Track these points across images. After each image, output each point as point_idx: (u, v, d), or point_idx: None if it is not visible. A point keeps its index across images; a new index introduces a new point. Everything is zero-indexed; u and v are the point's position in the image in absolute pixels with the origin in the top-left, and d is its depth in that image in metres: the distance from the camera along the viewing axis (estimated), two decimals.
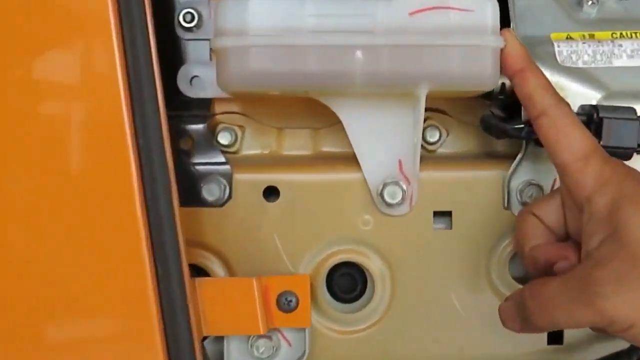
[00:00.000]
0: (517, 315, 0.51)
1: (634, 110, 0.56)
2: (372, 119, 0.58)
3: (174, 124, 0.59)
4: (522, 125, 0.57)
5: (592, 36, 0.61)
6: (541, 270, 0.52)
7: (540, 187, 0.59)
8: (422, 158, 0.59)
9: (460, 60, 0.54)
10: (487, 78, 0.55)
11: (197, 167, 0.60)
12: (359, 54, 0.53)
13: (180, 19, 0.61)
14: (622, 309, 0.45)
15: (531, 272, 0.54)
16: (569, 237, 0.53)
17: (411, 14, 0.54)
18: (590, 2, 0.63)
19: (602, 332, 0.51)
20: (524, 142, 0.59)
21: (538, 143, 0.56)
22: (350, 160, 0.60)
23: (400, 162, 0.59)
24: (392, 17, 0.53)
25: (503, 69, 0.55)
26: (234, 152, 0.63)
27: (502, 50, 0.54)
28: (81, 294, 0.54)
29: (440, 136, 0.63)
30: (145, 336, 0.53)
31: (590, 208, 0.49)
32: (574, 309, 0.47)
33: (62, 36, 0.52)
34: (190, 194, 0.60)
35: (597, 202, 0.49)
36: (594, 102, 0.59)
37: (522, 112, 0.58)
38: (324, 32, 0.53)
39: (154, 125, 0.52)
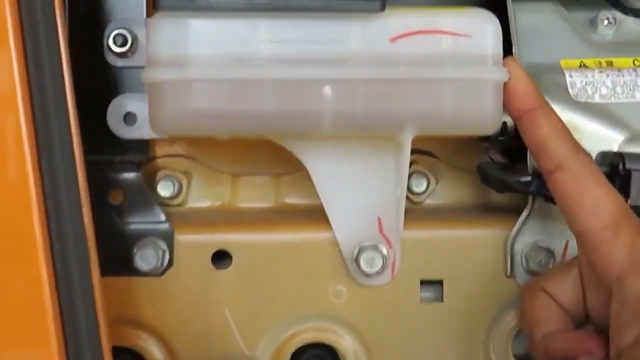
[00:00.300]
0: None
1: None
2: (345, 168, 0.47)
3: (100, 173, 0.48)
4: (529, 178, 0.46)
5: (610, 63, 0.51)
6: None
7: (550, 252, 0.49)
8: (406, 212, 0.48)
9: (454, 97, 0.43)
10: (488, 119, 0.44)
11: (131, 227, 0.49)
12: (327, 90, 0.43)
13: (110, 42, 0.50)
14: None
15: None
16: (589, 319, 0.43)
17: (393, 39, 0.43)
18: (606, 22, 0.53)
19: None
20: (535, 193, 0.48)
21: (549, 199, 0.45)
22: (319, 215, 0.49)
23: (379, 220, 0.48)
24: (370, 43, 0.43)
25: (507, 108, 0.44)
26: (178, 205, 0.52)
27: (505, 84, 0.44)
28: None
29: (428, 185, 0.52)
30: None
31: (623, 292, 0.38)
32: None
33: None
34: (122, 261, 0.48)
35: (631, 286, 0.38)
36: (615, 147, 0.48)
37: (529, 158, 0.48)
38: (283, 62, 0.42)
39: (66, 174, 0.41)
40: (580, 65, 0.51)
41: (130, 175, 0.49)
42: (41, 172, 0.41)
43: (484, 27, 0.43)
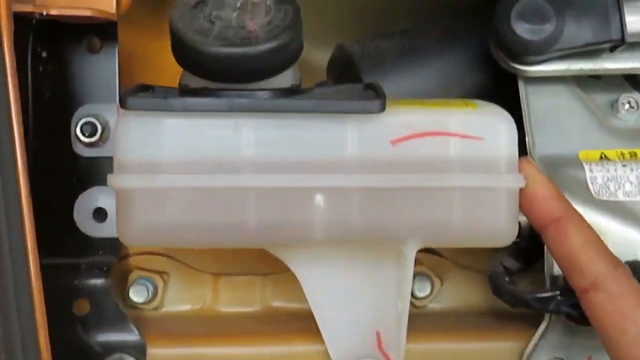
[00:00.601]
0: None
1: None
2: (339, 277, 0.41)
3: (64, 280, 0.43)
4: (549, 294, 0.40)
5: (634, 155, 0.46)
6: None
7: None
8: (413, 317, 0.43)
9: (463, 207, 0.38)
10: (501, 231, 0.39)
11: (98, 341, 0.43)
12: (319, 199, 0.37)
13: (78, 131, 0.45)
14: None
15: None
16: None
17: (394, 142, 0.38)
18: (627, 106, 0.48)
19: None
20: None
21: (572, 318, 0.40)
22: (310, 323, 0.43)
23: (378, 334, 0.42)
24: (368, 147, 0.37)
25: (528, 219, 0.39)
26: (153, 310, 0.46)
27: (522, 190, 0.39)
28: None
29: (432, 288, 0.47)
30: None
31: None
32: None
33: None
34: None
35: None
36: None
37: (546, 266, 0.42)
38: (268, 167, 0.37)
39: (19, 287, 0.36)
40: (601, 158, 0.46)
41: (98, 282, 0.44)
42: None
43: (497, 128, 0.38)
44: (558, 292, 0.40)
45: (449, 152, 0.38)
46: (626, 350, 0.35)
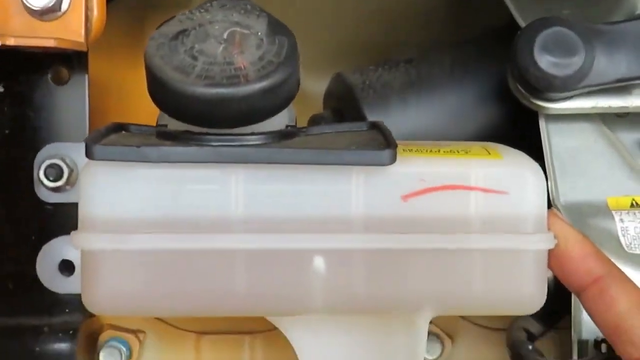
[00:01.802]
0: None
1: None
2: (340, 350, 0.36)
3: (24, 343, 0.37)
4: None
5: None
6: None
7: None
8: None
9: (484, 272, 0.33)
10: (528, 297, 0.33)
11: None
12: (319, 263, 0.32)
13: (42, 174, 0.39)
14: None
15: None
16: None
17: (407, 197, 0.32)
18: None
19: None
20: None
21: None
22: None
23: None
24: (377, 202, 0.32)
25: (565, 281, 0.34)
26: None
27: (552, 251, 0.33)
28: None
29: (442, 349, 0.42)
30: None
31: None
32: None
33: None
34: None
35: None
36: None
37: (573, 329, 0.37)
38: (260, 225, 0.32)
39: None
40: (632, 205, 0.41)
41: (63, 346, 0.38)
42: None
43: (524, 181, 0.33)
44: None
45: (469, 209, 0.32)
46: None
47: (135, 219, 0.31)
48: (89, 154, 0.31)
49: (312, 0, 0.50)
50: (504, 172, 0.33)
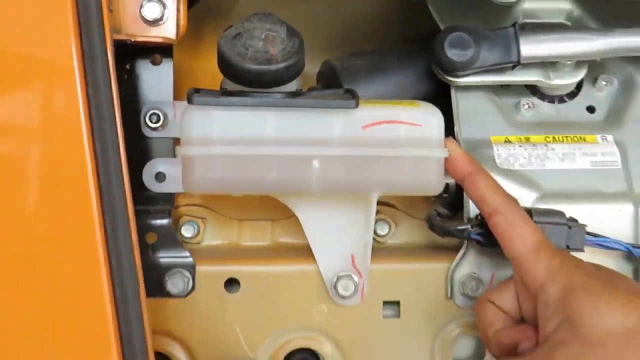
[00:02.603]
0: None
1: (563, 214, 0.60)
2: (327, 218, 0.62)
3: (139, 220, 0.62)
4: (465, 227, 0.61)
5: (527, 139, 0.66)
6: (506, 351, 0.56)
7: (480, 280, 0.64)
8: (373, 250, 0.63)
9: (408, 169, 0.58)
10: (433, 184, 0.59)
11: (162, 260, 0.63)
12: (315, 163, 0.57)
13: (147, 119, 0.64)
14: None
15: (497, 354, 0.57)
16: (523, 319, 0.57)
17: (364, 127, 0.58)
18: (526, 106, 0.68)
19: None
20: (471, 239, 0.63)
21: (479, 242, 0.60)
22: (306, 251, 0.63)
23: (352, 256, 0.63)
24: (347, 130, 0.58)
25: (452, 174, 0.59)
26: (197, 244, 0.66)
27: (447, 159, 0.59)
28: None
29: (389, 229, 0.67)
30: None
31: (545, 296, 0.53)
32: None
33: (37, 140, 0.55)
34: (156, 286, 0.62)
35: (549, 291, 0.53)
36: (529, 203, 0.63)
37: (465, 211, 0.63)
38: (283, 143, 0.57)
39: (123, 224, 0.55)
40: (505, 141, 0.66)
41: (161, 222, 0.64)
42: (104, 220, 0.55)
43: (431, 119, 0.58)
44: (470, 225, 0.60)
45: (399, 134, 0.58)
46: (516, 250, 0.55)
47: (213, 137, 0.57)
48: (189, 101, 0.56)
49: (310, 14, 0.75)
50: (419, 113, 0.58)
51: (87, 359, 0.55)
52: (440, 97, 0.67)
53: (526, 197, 0.64)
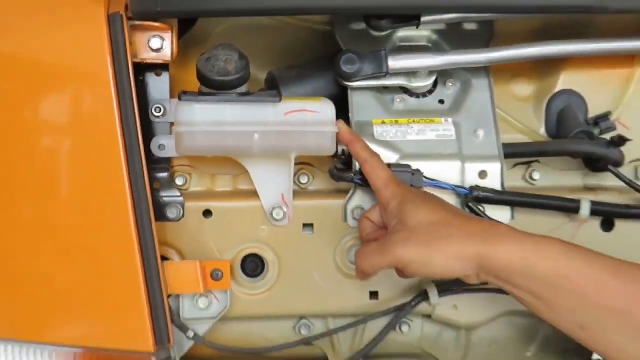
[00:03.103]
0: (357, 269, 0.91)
1: (409, 166, 0.97)
2: (266, 171, 0.99)
3: (150, 174, 0.99)
4: (352, 175, 0.98)
5: (396, 122, 1.04)
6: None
7: (362, 209, 1.01)
8: (297, 193, 1.01)
9: (312, 139, 0.95)
10: (328, 148, 0.96)
11: (164, 199, 1.00)
12: (256, 136, 0.94)
13: (153, 110, 1.01)
14: (405, 253, 0.85)
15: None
16: (384, 226, 0.94)
17: (286, 114, 0.95)
18: (398, 100, 1.06)
19: (401, 274, 0.91)
20: (355, 183, 1.00)
21: (361, 185, 0.98)
22: (254, 194, 1.01)
23: (282, 195, 1.00)
24: (275, 115, 0.95)
25: (341, 142, 0.96)
26: (185, 189, 1.03)
27: (338, 133, 0.96)
28: (95, 274, 0.92)
29: (308, 179, 1.05)
30: (134, 297, 0.92)
31: (390, 208, 0.90)
32: (383, 255, 0.87)
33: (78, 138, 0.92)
34: (160, 214, 0.99)
35: (391, 205, 0.90)
36: (394, 161, 1.00)
37: (353, 166, 1.00)
38: (237, 124, 0.94)
39: (141, 176, 0.92)
40: (382, 123, 1.03)
41: (163, 174, 1.01)
42: (129, 172, 0.92)
43: (325, 108, 0.96)
44: (354, 173, 0.97)
45: (307, 117, 0.95)
46: (376, 184, 0.93)
47: (194, 121, 0.94)
48: (180, 98, 0.94)
49: (260, 42, 1.12)
50: (318, 105, 0.96)
51: (119, 258, 0.92)
52: (342, 95, 1.05)
53: (392, 157, 1.01)
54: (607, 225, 1.05)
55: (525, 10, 0.97)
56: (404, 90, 1.07)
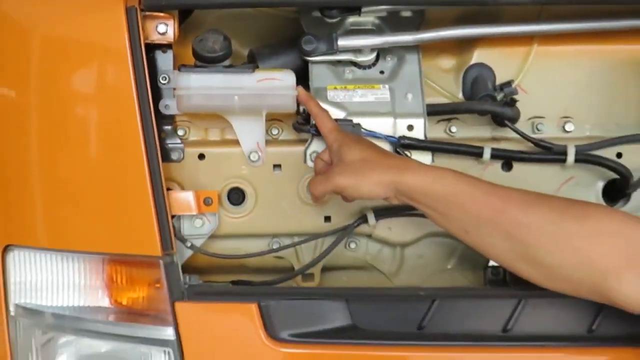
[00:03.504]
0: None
1: (351, 120, 1.29)
2: (245, 124, 1.31)
3: (158, 127, 1.31)
4: (309, 127, 1.30)
5: (345, 87, 1.35)
6: None
7: (317, 152, 1.32)
8: (269, 141, 1.33)
9: (279, 100, 1.27)
10: (290, 107, 1.28)
11: (169, 145, 1.33)
12: (236, 98, 1.27)
13: (160, 79, 1.33)
14: (340, 181, 1.17)
15: None
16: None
17: (258, 81, 1.27)
18: (348, 71, 1.37)
19: (344, 199, 1.23)
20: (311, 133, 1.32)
21: (315, 134, 1.30)
22: (237, 143, 1.33)
23: (257, 143, 1.32)
24: (250, 82, 1.27)
25: (300, 102, 1.28)
26: (185, 138, 1.36)
27: (297, 95, 1.28)
28: (118, 200, 1.25)
29: (278, 131, 1.37)
30: (147, 216, 1.24)
31: (332, 149, 1.22)
32: (326, 183, 1.19)
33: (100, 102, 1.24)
34: (166, 156, 1.32)
35: (334, 146, 1.22)
36: (341, 117, 1.32)
37: (310, 121, 1.32)
38: (222, 88, 1.26)
39: (151, 127, 1.24)
40: (334, 88, 1.35)
41: (168, 127, 1.33)
42: (143, 124, 1.24)
43: (287, 76, 1.28)
44: (310, 126, 1.29)
45: (274, 84, 1.27)
46: (324, 132, 1.25)
47: (190, 86, 1.26)
48: (179, 70, 1.26)
49: (245, 26, 1.43)
50: (282, 74, 1.27)
51: (136, 188, 1.24)
52: (305, 67, 1.36)
53: (341, 114, 1.32)
54: (507, 167, 1.37)
55: (439, 3, 1.28)
56: (353, 63, 1.38)
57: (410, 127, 1.33)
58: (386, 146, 1.32)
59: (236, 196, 1.36)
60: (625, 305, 1.04)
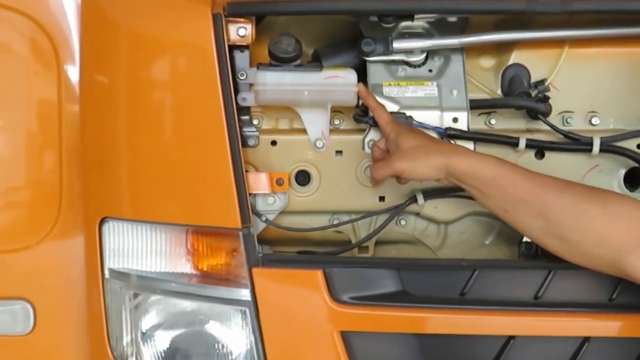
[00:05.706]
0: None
1: (404, 114, 1.44)
2: (312, 115, 1.46)
3: (237, 116, 1.46)
4: (367, 118, 1.44)
5: (398, 84, 1.49)
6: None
7: (374, 141, 1.46)
8: (332, 130, 1.48)
9: (342, 95, 1.42)
10: (351, 101, 1.43)
11: (246, 133, 1.48)
12: (306, 93, 1.41)
13: (239, 75, 1.47)
14: (399, 165, 1.33)
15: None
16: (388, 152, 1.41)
17: (325, 78, 1.42)
18: (401, 69, 1.51)
19: (399, 181, 1.38)
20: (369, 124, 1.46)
21: (372, 125, 1.44)
22: (304, 131, 1.48)
23: (322, 132, 1.47)
24: (318, 79, 1.42)
25: (360, 97, 1.42)
26: (259, 127, 1.51)
27: (358, 91, 1.42)
28: (205, 179, 1.40)
29: (340, 121, 1.52)
30: (229, 193, 1.38)
31: (390, 138, 1.37)
32: (387, 167, 1.35)
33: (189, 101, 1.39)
34: (244, 142, 1.47)
35: (391, 135, 1.37)
36: (395, 110, 1.46)
37: (368, 113, 1.46)
38: (294, 84, 1.41)
39: (232, 116, 1.39)
40: (389, 84, 1.49)
41: (245, 117, 1.49)
42: (226, 115, 1.39)
43: (349, 75, 1.42)
44: (368, 117, 1.44)
45: (338, 81, 1.41)
46: (381, 123, 1.39)
47: (267, 82, 1.41)
48: (257, 67, 1.41)
49: (312, 29, 1.57)
50: (344, 73, 1.42)
51: (220, 169, 1.39)
52: (363, 66, 1.50)
53: (394, 108, 1.47)
54: (540, 155, 1.50)
55: (482, 12, 1.41)
56: (405, 62, 1.52)
57: (455, 120, 1.46)
58: (434, 136, 1.45)
59: (303, 178, 1.51)
60: (638, 278, 1.17)
